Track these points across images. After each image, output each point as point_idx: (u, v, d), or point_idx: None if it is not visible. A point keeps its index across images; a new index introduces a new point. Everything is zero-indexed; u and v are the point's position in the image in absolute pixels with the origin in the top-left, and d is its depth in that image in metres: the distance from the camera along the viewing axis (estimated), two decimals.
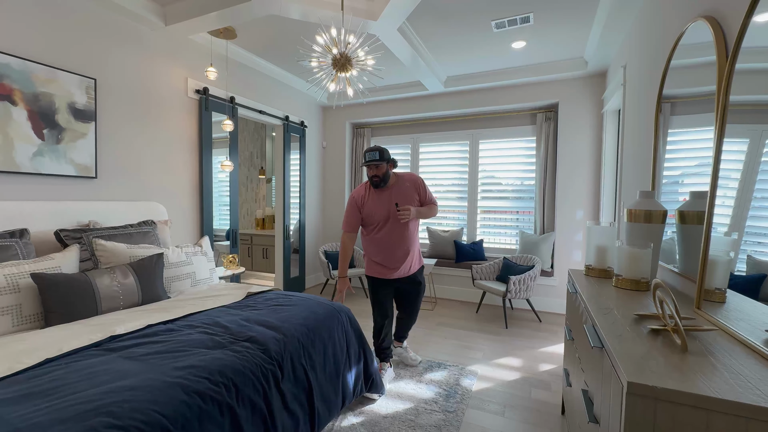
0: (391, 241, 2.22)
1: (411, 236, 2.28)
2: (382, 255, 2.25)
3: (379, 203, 2.22)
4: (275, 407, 1.36)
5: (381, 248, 2.25)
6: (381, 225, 2.23)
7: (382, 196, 2.23)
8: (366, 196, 2.26)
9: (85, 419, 0.93)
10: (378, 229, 2.24)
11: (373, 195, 2.25)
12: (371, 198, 2.24)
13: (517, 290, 3.28)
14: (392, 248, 2.23)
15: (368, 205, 2.24)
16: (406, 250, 2.26)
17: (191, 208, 3.10)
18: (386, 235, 2.22)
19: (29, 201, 2.06)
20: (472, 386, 2.26)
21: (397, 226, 2.21)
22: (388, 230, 2.21)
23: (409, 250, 2.28)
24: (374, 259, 2.29)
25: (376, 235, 2.25)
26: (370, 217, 2.24)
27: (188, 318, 1.67)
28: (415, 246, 2.34)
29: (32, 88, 2.10)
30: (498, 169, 4.33)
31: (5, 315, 1.46)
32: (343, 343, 1.88)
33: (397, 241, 2.22)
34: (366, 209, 2.24)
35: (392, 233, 2.21)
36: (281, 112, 4.09)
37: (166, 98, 2.85)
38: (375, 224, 2.24)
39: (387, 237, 2.22)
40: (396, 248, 2.23)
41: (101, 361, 1.23)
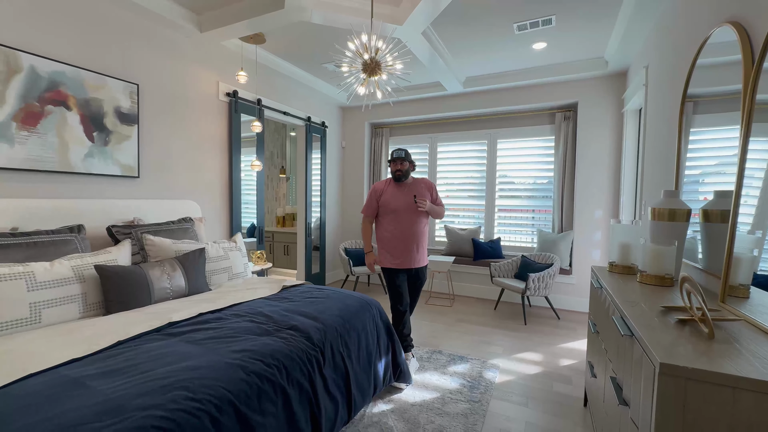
0: (402, 229, 2.48)
1: (420, 229, 2.53)
2: (393, 244, 2.50)
3: (396, 196, 2.51)
4: (319, 390, 1.47)
5: (393, 236, 2.50)
6: (395, 215, 2.50)
7: (400, 191, 2.52)
8: (384, 189, 2.57)
9: (166, 392, 1.05)
10: (394, 218, 2.51)
11: (392, 189, 2.55)
12: (389, 191, 2.55)
13: (536, 288, 3.34)
14: (403, 237, 2.48)
15: (385, 196, 2.54)
16: (415, 241, 2.50)
17: (222, 206, 3.25)
18: (399, 224, 2.49)
19: (82, 199, 2.22)
20: (494, 379, 2.34)
21: (408, 218, 2.48)
22: (400, 220, 2.49)
23: (419, 242, 2.52)
24: (387, 249, 2.53)
25: (392, 225, 2.51)
26: (386, 207, 2.52)
27: (233, 308, 1.80)
28: (424, 240, 2.57)
29: (84, 94, 2.26)
30: (516, 168, 4.38)
31: (74, 302, 1.61)
32: (374, 334, 1.99)
33: (408, 230, 2.48)
34: (383, 199, 2.54)
35: (404, 222, 2.49)
36: (303, 113, 4.21)
37: (199, 101, 3.00)
38: (389, 214, 2.52)
39: (399, 226, 2.49)
40: (406, 237, 2.48)
41: (165, 344, 1.36)
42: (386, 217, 2.53)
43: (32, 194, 2.05)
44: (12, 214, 1.89)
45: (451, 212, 4.76)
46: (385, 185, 2.59)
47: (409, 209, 2.47)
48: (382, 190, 2.57)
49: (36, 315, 1.48)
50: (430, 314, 3.66)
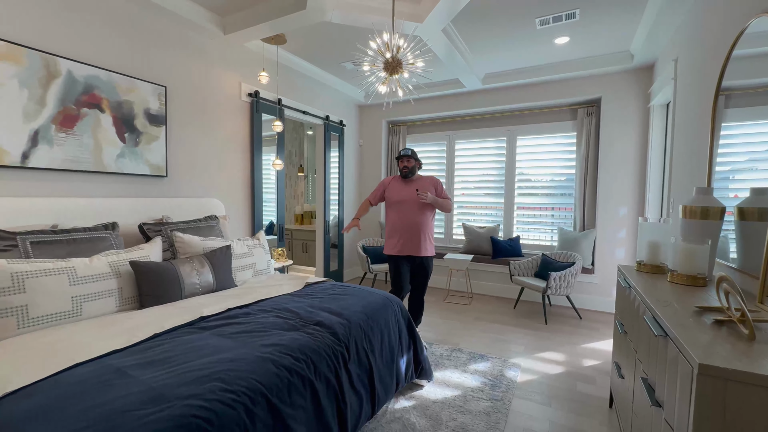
0: (406, 219, 2.69)
1: (424, 221, 2.70)
2: (398, 233, 2.71)
3: (401, 189, 2.75)
4: (344, 385, 1.50)
5: (396, 226, 2.72)
6: (401, 207, 2.72)
7: (405, 186, 2.76)
8: (391, 183, 2.84)
9: (203, 383, 1.10)
10: (398, 210, 2.73)
11: (398, 184, 2.80)
12: (395, 185, 2.80)
13: (557, 287, 3.29)
14: (405, 226, 2.69)
15: (390, 189, 2.80)
16: (418, 231, 2.68)
17: (244, 204, 3.33)
18: (403, 214, 2.71)
19: (114, 198, 2.32)
20: (516, 378, 2.33)
21: (411, 209, 2.69)
22: (404, 211, 2.71)
23: (419, 232, 2.69)
24: (392, 237, 2.74)
25: (397, 216, 2.73)
26: (390, 199, 2.79)
27: (259, 303, 1.85)
28: (426, 231, 2.73)
29: (116, 96, 2.35)
30: (536, 165, 4.31)
31: (111, 296, 1.68)
32: (396, 330, 2.01)
33: (411, 220, 2.68)
34: (388, 192, 2.81)
35: (408, 213, 2.69)
36: (322, 112, 4.26)
37: (222, 102, 3.08)
38: (396, 206, 2.74)
39: (403, 216, 2.70)
40: (410, 227, 2.68)
41: (198, 337, 1.41)
42: (392, 208, 2.77)
43: (70, 193, 2.15)
44: (53, 212, 1.99)
45: (469, 210, 4.73)
46: (392, 180, 2.86)
47: (413, 201, 2.68)
48: (389, 183, 2.84)
49: (77, 308, 1.56)
50: (448, 312, 3.66)
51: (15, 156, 1.93)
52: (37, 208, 1.94)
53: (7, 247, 1.61)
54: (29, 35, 1.97)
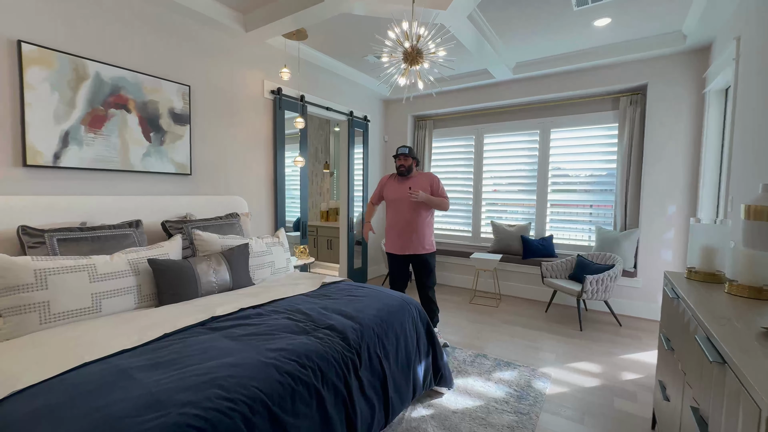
0: (398, 217, 2.74)
1: (419, 219, 2.72)
2: (395, 231, 2.76)
3: (397, 189, 2.77)
4: (355, 393, 1.43)
5: (392, 224, 2.78)
6: (396, 205, 2.75)
7: (402, 184, 2.76)
8: (388, 182, 2.86)
9: (202, 389, 1.06)
10: (394, 208, 2.77)
11: (394, 182, 2.81)
12: (392, 184, 2.82)
13: (594, 291, 3.04)
14: (400, 224, 2.73)
15: (387, 189, 2.83)
16: (412, 229, 2.71)
17: (267, 201, 3.34)
18: (398, 213, 2.74)
19: (140, 196, 2.38)
20: (545, 389, 2.16)
21: (406, 208, 2.71)
22: (399, 210, 2.74)
23: (416, 230, 2.72)
24: (389, 235, 2.81)
25: (393, 214, 2.78)
26: (387, 198, 2.81)
27: (273, 304, 1.81)
28: (423, 229, 2.74)
29: (142, 97, 2.41)
30: (571, 159, 4.02)
31: (129, 294, 1.71)
32: (413, 335, 1.91)
33: (406, 219, 2.71)
34: (386, 191, 2.84)
35: (403, 212, 2.72)
36: (346, 107, 4.20)
37: (245, 100, 3.09)
38: (392, 204, 2.78)
39: (398, 215, 2.74)
40: (405, 225, 2.71)
41: (208, 338, 1.39)
42: (389, 207, 2.81)
43: (98, 191, 2.23)
44: (82, 209, 2.06)
45: (499, 207, 4.51)
46: (389, 179, 2.88)
47: (407, 200, 2.70)
48: (386, 182, 2.87)
49: (97, 305, 1.59)
50: (474, 314, 3.50)
51: (48, 156, 2.02)
52: (68, 206, 2.01)
53: (36, 244, 1.68)
54: (59, 39, 2.04)
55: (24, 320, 1.41)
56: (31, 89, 1.94)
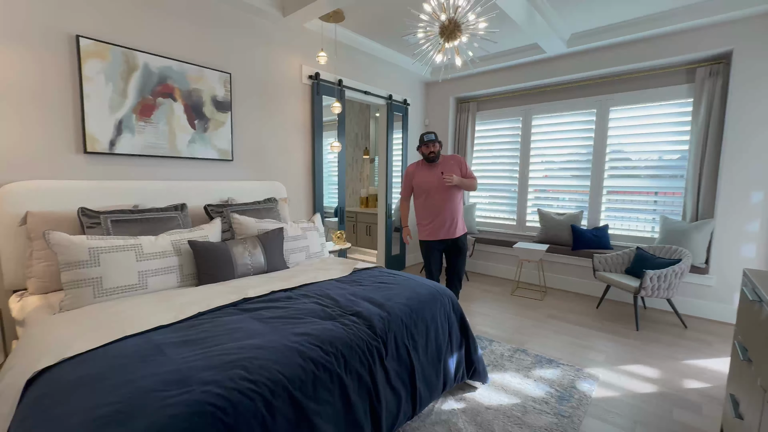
0: (436, 204, 2.70)
1: (454, 203, 2.72)
2: (430, 218, 2.73)
3: (428, 175, 2.72)
4: (380, 382, 1.40)
5: (429, 212, 2.73)
6: (429, 192, 2.71)
7: (431, 170, 2.72)
8: (416, 171, 2.78)
9: (226, 369, 1.08)
10: (426, 196, 2.72)
11: (423, 169, 2.75)
12: (421, 172, 2.76)
13: (654, 287, 2.73)
14: (438, 211, 2.70)
15: (417, 178, 2.76)
16: (449, 213, 2.70)
17: (305, 187, 3.39)
18: (432, 200, 2.70)
19: (186, 180, 2.50)
20: (591, 392, 1.98)
21: (440, 194, 2.68)
22: (433, 196, 2.70)
23: (452, 214, 2.72)
24: (424, 222, 2.77)
25: (426, 202, 2.73)
26: (419, 187, 2.75)
27: (303, 288, 1.83)
28: (458, 212, 2.76)
29: (187, 85, 2.51)
30: (633, 141, 3.60)
31: (173, 272, 1.81)
32: (445, 327, 1.83)
33: (442, 205, 2.69)
34: (416, 181, 2.77)
35: (437, 198, 2.69)
36: (385, 91, 4.10)
37: (284, 86, 3.12)
38: (424, 192, 2.73)
39: (433, 202, 2.70)
40: (441, 210, 2.69)
41: (237, 319, 1.42)
42: (420, 195, 2.76)
43: (149, 176, 2.38)
44: (134, 193, 2.21)
45: (547, 195, 4.20)
46: (415, 167, 2.80)
47: (440, 186, 2.67)
48: (414, 172, 2.79)
49: (143, 282, 1.70)
50: (515, 306, 3.32)
51: (104, 143, 2.17)
52: (122, 189, 2.17)
53: (93, 225, 1.82)
54: (111, 32, 2.16)
55: (81, 294, 1.55)
56: (88, 81, 2.09)
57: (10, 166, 1.87)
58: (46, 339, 1.27)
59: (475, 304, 3.39)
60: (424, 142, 2.68)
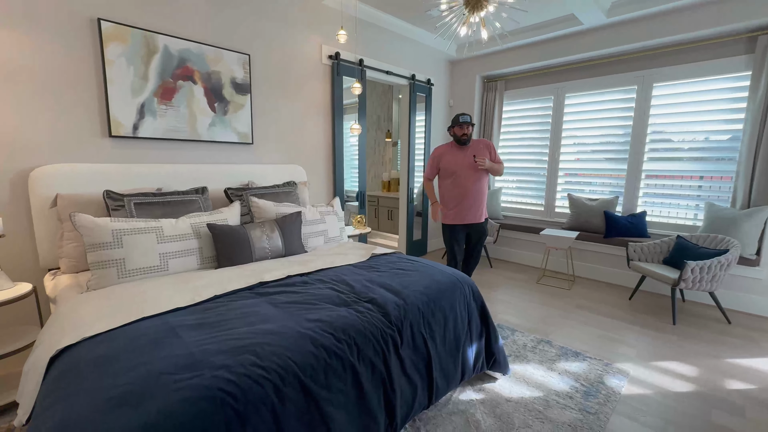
0: (464, 187, 2.70)
1: (482, 187, 2.74)
2: (456, 201, 2.73)
3: (458, 157, 2.71)
4: (394, 371, 1.36)
5: (456, 195, 2.72)
6: (457, 175, 2.69)
7: (461, 154, 2.71)
8: (445, 153, 2.76)
9: (238, 354, 1.07)
10: (454, 178, 2.71)
11: (451, 152, 2.73)
12: (450, 154, 2.73)
13: (696, 280, 2.53)
14: (465, 194, 2.70)
15: (445, 160, 2.74)
16: (477, 197, 2.72)
17: (325, 170, 3.36)
18: (459, 183, 2.70)
19: (207, 164, 2.52)
20: (620, 388, 1.87)
21: (468, 177, 2.68)
22: (460, 180, 2.69)
23: (480, 198, 2.74)
24: (450, 206, 2.77)
25: (453, 184, 2.72)
26: (447, 169, 2.73)
27: (320, 273, 1.81)
28: (484, 196, 2.77)
29: (206, 68, 2.49)
30: (678, 120, 3.30)
31: (193, 255, 1.84)
32: (465, 316, 1.76)
33: (470, 188, 2.69)
34: (443, 163, 2.75)
35: (464, 181, 2.69)
36: (407, 70, 3.95)
37: (303, 67, 3.05)
38: (452, 175, 2.71)
39: (460, 184, 2.70)
40: (468, 194, 2.70)
41: (252, 303, 1.42)
42: (447, 179, 2.74)
43: (171, 160, 2.41)
44: (158, 176, 2.25)
45: (579, 179, 3.97)
46: (444, 150, 2.77)
47: (470, 169, 2.67)
48: (442, 154, 2.76)
49: (164, 264, 1.73)
50: (541, 295, 3.20)
51: (128, 127, 2.21)
52: (146, 173, 2.21)
53: (118, 207, 1.86)
54: (130, 15, 2.16)
55: (105, 274, 1.59)
56: (110, 65, 2.10)
57: (40, 150, 1.93)
58: (71, 318, 1.31)
59: (497, 291, 3.29)
60: (458, 123, 2.66)
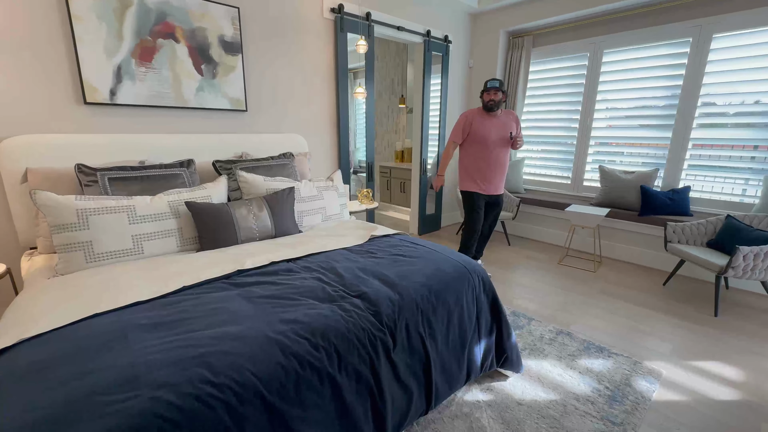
0: (492, 160, 2.70)
1: (505, 159, 2.74)
2: (482, 170, 2.71)
3: (486, 126, 2.66)
4: (384, 379, 1.17)
5: (482, 163, 2.70)
6: (486, 144, 2.66)
7: (490, 122, 2.67)
8: (474, 118, 2.70)
9: (188, 366, 0.89)
10: (483, 147, 2.67)
11: (481, 119, 2.68)
12: (479, 120, 2.68)
13: (748, 268, 2.19)
14: (492, 167, 2.70)
15: (475, 125, 2.68)
16: (502, 169, 2.74)
17: (329, 140, 3.09)
18: (487, 152, 2.68)
19: (197, 134, 2.31)
20: (651, 393, 1.64)
21: (497, 148, 2.67)
22: (489, 149, 2.68)
23: (504, 170, 2.76)
24: (473, 175, 2.75)
25: (480, 153, 2.69)
26: (475, 136, 2.68)
27: (309, 258, 1.61)
28: (506, 169, 2.78)
29: (189, 23, 2.22)
30: (741, 79, 2.79)
31: (171, 236, 1.67)
32: (473, 310, 1.54)
33: (497, 161, 2.70)
34: (473, 128, 2.69)
35: (492, 152, 2.68)
36: (421, 26, 3.53)
37: (301, 21, 2.71)
38: (480, 143, 2.67)
39: (488, 154, 2.68)
40: (495, 167, 2.71)
41: (224, 296, 1.24)
42: (474, 146, 2.70)
43: (156, 129, 2.21)
44: (141, 148, 2.06)
45: (614, 149, 3.54)
46: (474, 114, 2.71)
47: (500, 140, 2.66)
48: (472, 119, 2.69)
49: (139, 246, 1.57)
50: (562, 279, 2.93)
51: (104, 93, 2.00)
52: (129, 144, 2.02)
53: (90, 183, 1.70)
54: None
55: (72, 258, 1.45)
56: (78, 21, 1.87)
57: (8, 121, 1.76)
58: (26, 309, 1.17)
59: (514, 272, 3.04)
60: (486, 89, 2.63)
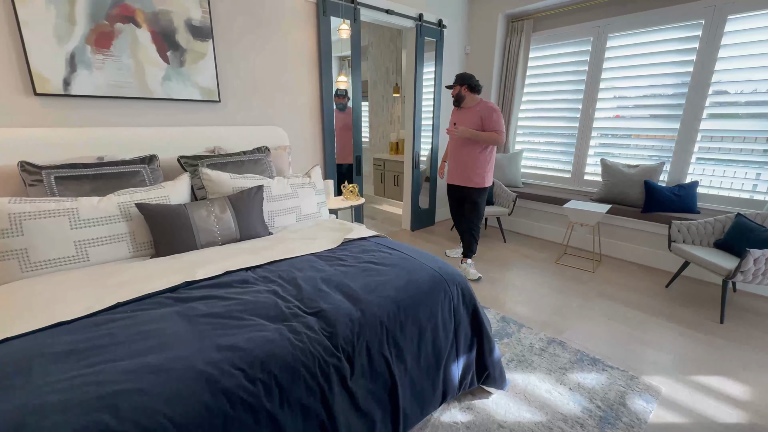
0: (451, 149, 2.88)
1: (465, 151, 2.73)
2: (449, 160, 2.92)
3: (452, 119, 2.82)
4: (338, 410, 1.03)
5: (449, 153, 2.93)
6: (450, 137, 2.82)
7: (456, 115, 2.78)
8: (453, 111, 2.84)
9: (88, 411, 0.75)
10: (450, 140, 2.88)
11: (455, 113, 2.81)
12: (453, 114, 2.83)
13: (760, 272, 2.01)
14: (451, 155, 2.87)
15: (451, 117, 2.85)
16: (460, 161, 2.77)
17: (312, 132, 2.92)
18: (450, 142, 2.87)
19: (164, 127, 2.15)
20: (647, 414, 1.49)
21: (454, 140, 2.80)
22: (450, 141, 2.87)
23: (464, 162, 2.74)
24: (448, 165, 2.94)
25: (449, 142, 2.90)
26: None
27: (270, 266, 1.46)
28: (471, 162, 2.71)
29: (151, 6, 2.03)
30: (756, 64, 2.56)
31: (121, 242, 1.53)
32: (450, 324, 1.39)
33: (454, 151, 2.83)
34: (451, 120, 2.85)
35: (452, 143, 2.85)
36: (414, 9, 3.30)
37: (280, 2, 2.51)
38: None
39: (451, 144, 2.87)
40: (454, 155, 2.83)
41: (161, 315, 1.09)
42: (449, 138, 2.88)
43: (117, 122, 2.05)
44: (99, 143, 1.90)
45: (616, 141, 3.33)
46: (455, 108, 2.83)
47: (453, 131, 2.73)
48: (453, 111, 2.83)
49: (83, 253, 1.43)
50: (558, 279, 2.77)
51: (56, 83, 1.84)
52: (86, 139, 1.87)
53: (35, 182, 1.55)
54: None
55: (6, 267, 1.32)
56: (23, 3, 1.69)
57: None
58: None
59: (508, 272, 2.89)
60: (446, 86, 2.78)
